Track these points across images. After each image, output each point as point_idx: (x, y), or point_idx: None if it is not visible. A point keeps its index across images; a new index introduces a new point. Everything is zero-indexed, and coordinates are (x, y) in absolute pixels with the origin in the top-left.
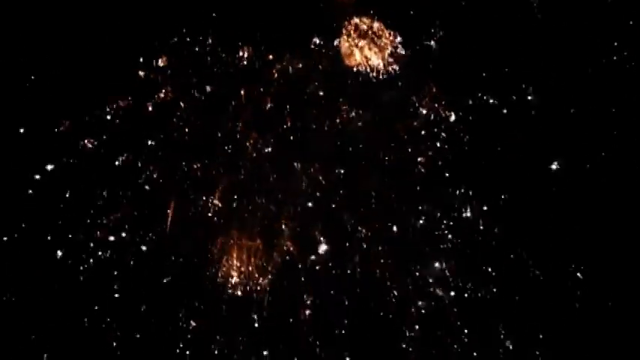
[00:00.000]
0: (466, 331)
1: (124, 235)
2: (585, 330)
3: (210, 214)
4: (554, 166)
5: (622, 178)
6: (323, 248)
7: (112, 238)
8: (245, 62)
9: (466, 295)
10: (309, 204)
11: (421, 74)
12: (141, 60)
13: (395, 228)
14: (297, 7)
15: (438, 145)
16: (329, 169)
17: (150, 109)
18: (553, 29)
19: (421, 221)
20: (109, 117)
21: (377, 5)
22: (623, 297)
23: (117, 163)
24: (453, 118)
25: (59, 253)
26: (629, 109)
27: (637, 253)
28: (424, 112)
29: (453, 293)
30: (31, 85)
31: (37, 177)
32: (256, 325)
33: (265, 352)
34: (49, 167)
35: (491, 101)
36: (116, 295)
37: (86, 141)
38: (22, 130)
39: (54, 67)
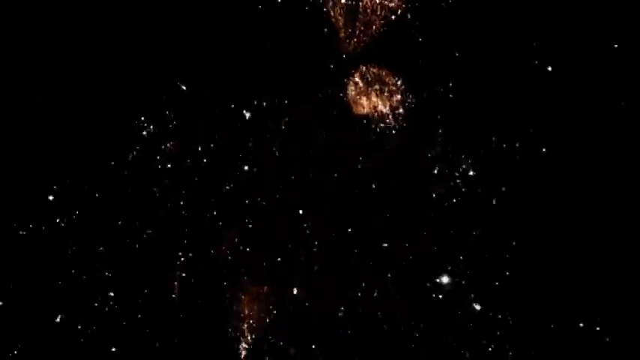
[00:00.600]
0: None
1: (130, 288)
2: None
3: (218, 266)
4: (568, 209)
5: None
6: (334, 298)
7: (117, 292)
8: (252, 112)
9: (483, 344)
10: (319, 254)
11: (430, 121)
12: (147, 111)
13: (407, 276)
14: (303, 55)
15: (450, 192)
16: (338, 218)
17: (156, 160)
18: (564, 74)
19: (434, 270)
20: (114, 169)
21: (384, 52)
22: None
23: (123, 215)
24: (463, 165)
25: (60, 314)
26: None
27: None
28: (434, 159)
29: (468, 345)
30: (35, 138)
31: (43, 228)
32: None
33: None
34: (55, 221)
35: (502, 147)
36: (123, 350)
37: (93, 193)
38: (25, 184)
39: (58, 119)
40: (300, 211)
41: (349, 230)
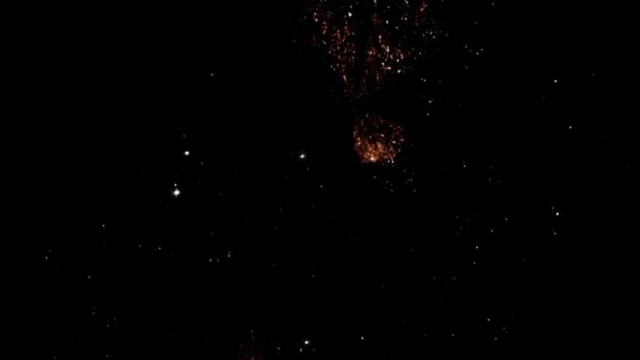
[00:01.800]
0: None
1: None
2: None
3: (222, 330)
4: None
5: None
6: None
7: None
8: (256, 164)
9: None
10: (325, 315)
11: (437, 170)
12: (150, 164)
13: (415, 325)
14: (307, 105)
15: (458, 245)
16: (345, 269)
17: (157, 213)
18: (570, 121)
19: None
20: (115, 224)
21: (389, 101)
22: None
23: (125, 271)
24: (472, 216)
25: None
26: None
27: None
28: (442, 210)
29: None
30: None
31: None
32: None
33: None
34: (52, 280)
35: (510, 196)
36: None
37: (95, 246)
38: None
39: (60, 171)
40: (306, 268)
41: (357, 281)
